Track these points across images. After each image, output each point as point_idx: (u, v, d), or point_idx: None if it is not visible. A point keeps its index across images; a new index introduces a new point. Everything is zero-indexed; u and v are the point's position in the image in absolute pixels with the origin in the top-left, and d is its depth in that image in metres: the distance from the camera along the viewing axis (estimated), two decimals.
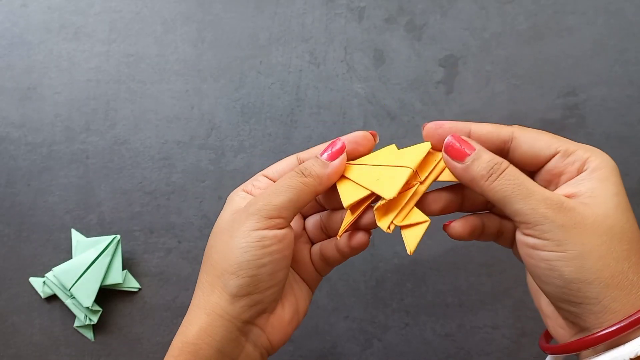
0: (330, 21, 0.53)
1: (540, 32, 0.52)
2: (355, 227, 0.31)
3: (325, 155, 0.30)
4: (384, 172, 0.30)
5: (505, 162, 0.26)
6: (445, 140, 0.28)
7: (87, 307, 0.47)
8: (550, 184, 0.28)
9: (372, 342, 0.48)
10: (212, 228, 0.51)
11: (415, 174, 0.29)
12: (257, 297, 0.29)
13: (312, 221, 0.34)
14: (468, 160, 0.27)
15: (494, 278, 0.48)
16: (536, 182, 0.27)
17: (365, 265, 0.49)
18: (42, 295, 0.49)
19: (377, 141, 0.30)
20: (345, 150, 0.30)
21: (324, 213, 0.33)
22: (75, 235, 0.49)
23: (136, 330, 0.48)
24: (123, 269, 0.48)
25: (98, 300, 0.47)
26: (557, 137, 0.28)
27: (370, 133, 0.30)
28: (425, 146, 0.30)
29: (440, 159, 0.30)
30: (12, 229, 0.50)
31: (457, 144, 0.27)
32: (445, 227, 0.30)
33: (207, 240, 0.51)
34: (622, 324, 0.23)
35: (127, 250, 0.49)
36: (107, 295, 0.49)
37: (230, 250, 0.28)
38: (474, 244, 0.48)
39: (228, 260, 0.28)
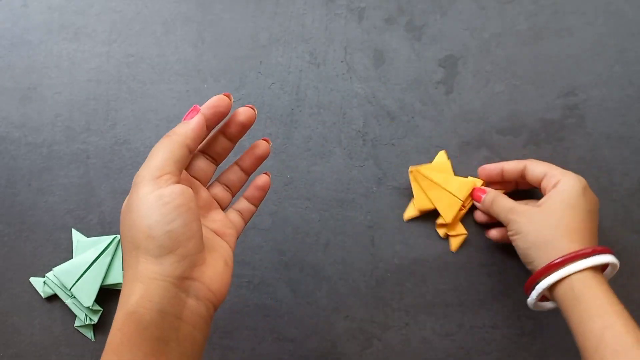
0: (330, 21, 0.53)
1: (540, 32, 0.52)
2: None
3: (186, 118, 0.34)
4: (444, 197, 0.48)
5: (499, 196, 0.45)
6: (473, 193, 0.48)
7: (88, 307, 0.47)
8: (545, 195, 0.43)
9: (372, 342, 0.48)
10: None
11: (463, 202, 0.48)
12: (181, 251, 0.30)
13: (218, 189, 0.38)
14: (483, 199, 0.47)
15: (494, 278, 0.48)
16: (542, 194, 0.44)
17: (365, 265, 0.49)
18: (43, 295, 0.49)
19: (232, 100, 0.34)
20: (206, 111, 0.34)
21: (223, 177, 0.39)
22: (76, 235, 0.49)
23: None
24: (123, 269, 0.48)
25: (98, 299, 0.48)
26: (550, 165, 0.44)
27: (225, 95, 0.34)
28: (471, 183, 0.48)
29: (473, 189, 0.48)
30: (13, 229, 0.50)
31: (478, 193, 0.48)
32: (486, 233, 0.49)
33: None
34: (541, 267, 0.40)
35: None
36: (107, 294, 0.49)
37: (138, 219, 0.30)
38: (474, 244, 0.49)
39: (140, 229, 0.30)
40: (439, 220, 0.48)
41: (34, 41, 0.54)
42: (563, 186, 0.42)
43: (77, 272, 0.47)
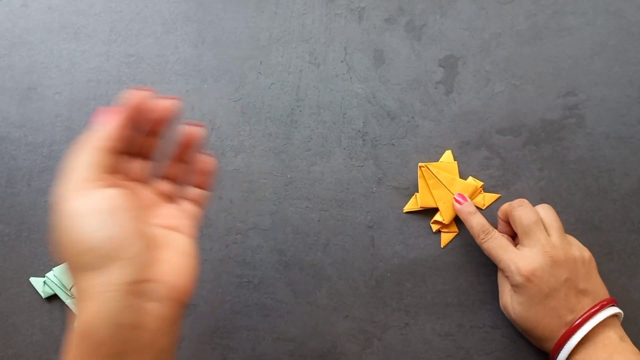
0: (330, 21, 0.53)
1: (539, 32, 0.52)
2: None
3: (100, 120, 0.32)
4: (447, 197, 0.49)
5: (490, 233, 0.45)
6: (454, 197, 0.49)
7: None
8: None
9: (372, 342, 0.48)
10: (212, 228, 0.51)
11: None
12: (125, 256, 0.28)
13: (162, 183, 0.36)
14: (465, 208, 0.47)
15: (493, 278, 0.48)
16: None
17: (365, 265, 0.49)
18: (43, 295, 0.49)
19: (175, 102, 0.32)
20: (125, 111, 0.31)
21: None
22: None
23: None
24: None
25: None
26: (509, 204, 0.46)
27: (147, 92, 0.31)
28: (473, 187, 0.49)
29: (477, 191, 0.49)
30: (13, 228, 0.50)
31: (459, 197, 0.48)
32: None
33: (207, 240, 0.51)
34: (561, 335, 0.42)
35: None
36: None
37: (72, 235, 0.28)
38: (473, 244, 0.49)
39: (76, 244, 0.28)
40: (436, 218, 0.49)
41: (34, 41, 0.54)
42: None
43: None
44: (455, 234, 0.49)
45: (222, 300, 0.48)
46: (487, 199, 0.49)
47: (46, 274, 0.49)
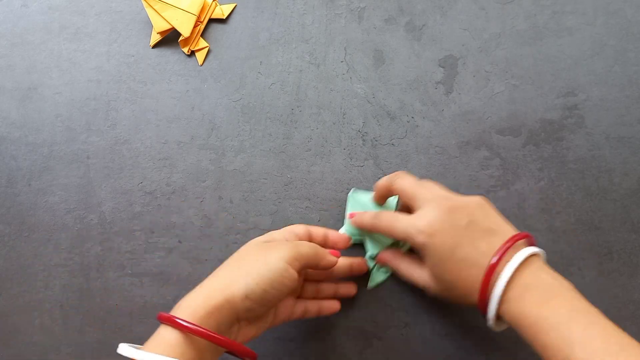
0: (330, 22, 0.53)
1: (539, 32, 0.52)
2: None
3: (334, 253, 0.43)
4: (179, 15, 0.52)
5: (378, 214, 0.44)
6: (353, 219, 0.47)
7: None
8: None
9: (372, 342, 0.48)
10: (212, 228, 0.51)
11: (198, 17, 0.52)
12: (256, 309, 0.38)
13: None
14: (358, 218, 0.46)
15: None
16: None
17: None
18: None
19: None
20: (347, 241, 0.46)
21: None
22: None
23: (137, 329, 0.48)
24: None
25: None
26: (386, 178, 0.45)
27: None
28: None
29: (212, 5, 0.53)
30: (13, 228, 0.50)
31: (356, 215, 0.46)
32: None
33: (207, 240, 0.51)
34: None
35: (128, 250, 0.50)
36: None
37: (257, 263, 0.38)
38: None
39: (251, 270, 0.38)
40: (181, 38, 0.52)
41: (35, 41, 0.54)
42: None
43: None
44: (207, 48, 0.53)
45: None
46: (225, 10, 0.54)
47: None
